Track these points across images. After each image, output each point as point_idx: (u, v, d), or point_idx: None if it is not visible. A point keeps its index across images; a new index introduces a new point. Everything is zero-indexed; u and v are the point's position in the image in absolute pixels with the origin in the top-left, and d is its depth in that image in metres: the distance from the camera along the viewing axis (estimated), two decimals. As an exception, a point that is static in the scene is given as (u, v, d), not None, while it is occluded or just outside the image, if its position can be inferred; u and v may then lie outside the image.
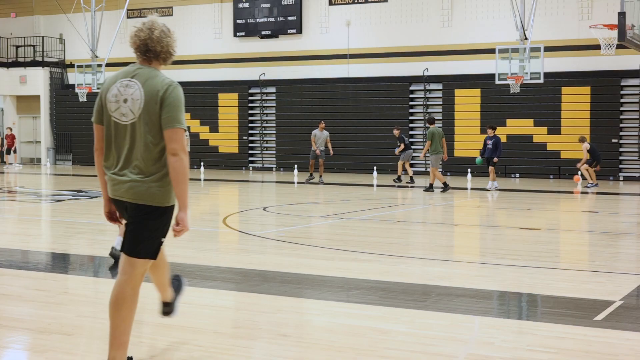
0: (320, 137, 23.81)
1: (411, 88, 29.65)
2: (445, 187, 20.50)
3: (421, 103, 29.60)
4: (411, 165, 25.03)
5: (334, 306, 6.84)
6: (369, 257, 9.59)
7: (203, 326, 5.99)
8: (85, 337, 5.84)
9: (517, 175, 27.37)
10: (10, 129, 33.65)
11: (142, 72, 4.57)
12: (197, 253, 9.86)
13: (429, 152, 20.84)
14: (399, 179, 23.84)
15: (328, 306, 6.85)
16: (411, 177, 23.71)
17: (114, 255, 8.76)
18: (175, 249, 10.31)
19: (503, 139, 26.61)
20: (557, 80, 26.48)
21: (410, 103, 29.68)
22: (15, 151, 32.99)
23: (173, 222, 4.59)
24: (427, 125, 21.87)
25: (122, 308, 4.55)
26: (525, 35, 24.19)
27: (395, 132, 24.15)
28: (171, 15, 34.10)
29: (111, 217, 4.78)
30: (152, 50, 4.61)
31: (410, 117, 29.44)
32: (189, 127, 32.50)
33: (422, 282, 7.97)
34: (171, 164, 4.44)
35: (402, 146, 23.72)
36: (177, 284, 5.29)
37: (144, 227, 4.54)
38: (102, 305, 6.94)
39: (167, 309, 5.26)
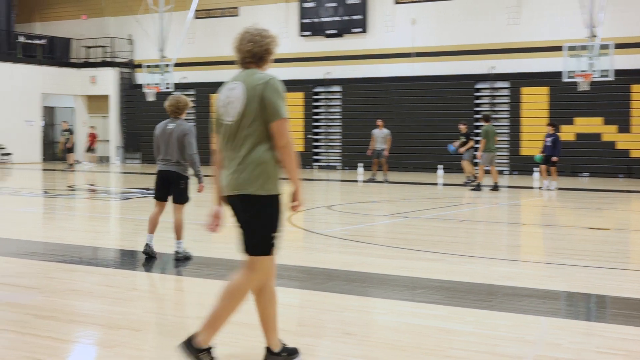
0: (379, 135, 23.72)
1: (477, 86, 29.39)
2: (479, 187, 20.26)
3: (487, 101, 29.31)
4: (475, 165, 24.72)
5: (399, 305, 6.82)
6: (433, 256, 9.54)
7: (268, 323, 6.02)
8: (152, 332, 5.95)
9: (586, 174, 26.88)
10: (93, 128, 34.22)
11: (243, 73, 4.80)
12: (262, 251, 9.92)
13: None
14: (471, 180, 23.36)
15: (393, 305, 6.84)
16: (474, 176, 23.42)
17: (147, 253, 9.05)
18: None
19: (571, 137, 26.25)
20: (627, 77, 25.94)
21: (476, 102, 29.42)
22: (94, 151, 33.44)
23: (286, 206, 4.77)
24: (483, 122, 21.42)
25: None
26: (594, 32, 23.75)
27: (462, 127, 23.42)
28: (237, 15, 34.42)
29: (215, 219, 4.90)
30: (236, 55, 4.86)
31: (476, 116, 29.14)
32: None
33: (487, 281, 7.89)
34: (280, 155, 4.65)
35: (471, 143, 23.08)
36: (292, 351, 5.04)
37: (254, 222, 4.66)
38: (169, 302, 7.06)
39: (271, 358, 4.92)
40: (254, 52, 4.77)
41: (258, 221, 4.65)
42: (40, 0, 40.37)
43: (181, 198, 9.09)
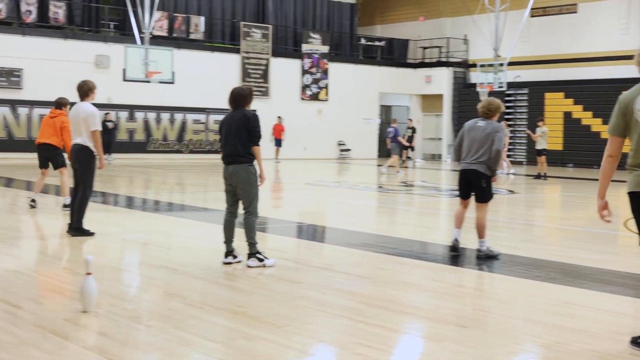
0: None
1: None
2: None
3: None
4: None
5: None
6: None
7: (599, 331, 5.80)
8: (480, 330, 5.92)
9: None
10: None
11: None
12: (595, 255, 9.56)
13: None
14: None
15: None
16: None
17: (455, 248, 9.15)
18: (574, 250, 10.11)
19: None
20: None
21: None
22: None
23: None
24: None
25: None
26: None
27: None
28: (575, 12, 33.33)
29: (602, 212, 5.57)
30: None
31: None
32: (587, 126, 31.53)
33: None
34: None
35: None
36: None
37: None
38: (497, 301, 7.03)
39: None
40: None
41: None
42: (381, 4, 42.15)
43: (484, 197, 9.15)
